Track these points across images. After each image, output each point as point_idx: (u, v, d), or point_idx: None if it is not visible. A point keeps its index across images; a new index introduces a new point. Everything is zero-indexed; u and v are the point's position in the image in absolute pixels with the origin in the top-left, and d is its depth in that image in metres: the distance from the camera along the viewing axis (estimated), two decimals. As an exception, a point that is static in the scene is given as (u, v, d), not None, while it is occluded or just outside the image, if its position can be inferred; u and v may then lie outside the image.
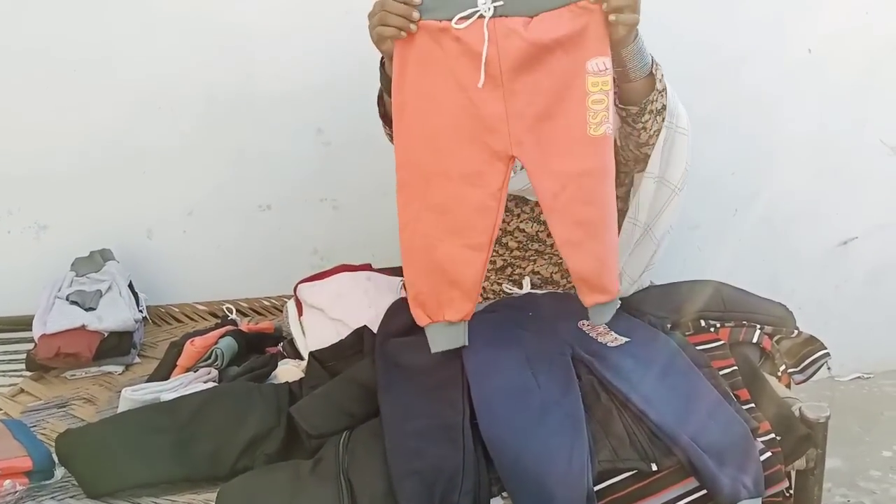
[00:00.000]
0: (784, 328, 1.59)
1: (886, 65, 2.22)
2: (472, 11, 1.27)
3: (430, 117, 1.32)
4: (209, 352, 1.64)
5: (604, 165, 1.29)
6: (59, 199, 2.04)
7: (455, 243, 1.32)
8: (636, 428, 1.30)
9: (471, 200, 1.32)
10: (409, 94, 1.32)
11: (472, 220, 1.32)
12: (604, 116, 1.28)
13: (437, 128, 1.32)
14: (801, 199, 2.31)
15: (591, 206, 1.30)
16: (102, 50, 1.94)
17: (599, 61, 1.28)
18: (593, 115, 1.28)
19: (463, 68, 1.29)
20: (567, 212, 1.30)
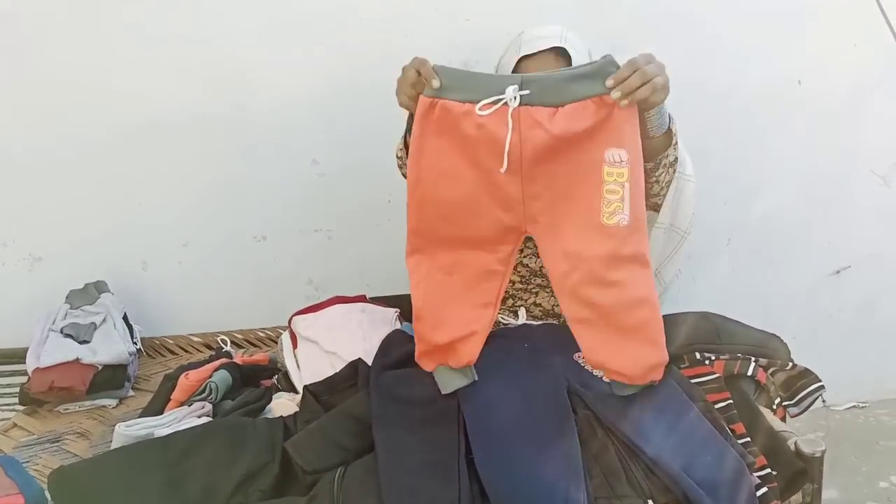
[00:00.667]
0: (779, 360, 1.59)
1: (876, 95, 2.25)
2: (498, 98, 1.27)
3: (445, 192, 1.35)
4: (204, 385, 1.64)
5: (617, 253, 1.30)
6: (54, 231, 2.04)
7: (463, 304, 1.38)
8: (632, 463, 1.30)
9: (479, 264, 1.37)
10: (425, 169, 1.35)
11: (480, 283, 1.38)
12: (618, 207, 1.29)
13: (451, 202, 1.36)
14: (794, 229, 2.32)
15: (602, 290, 1.31)
16: (97, 82, 1.95)
17: (617, 153, 1.29)
18: (607, 204, 1.29)
19: (484, 152, 1.32)
20: (576, 293, 1.34)
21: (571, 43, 1.58)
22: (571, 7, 2.03)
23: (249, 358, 1.85)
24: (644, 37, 2.08)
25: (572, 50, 1.57)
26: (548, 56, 1.58)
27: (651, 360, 1.35)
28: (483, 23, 2.03)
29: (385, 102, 2.02)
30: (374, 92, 2.02)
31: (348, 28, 1.99)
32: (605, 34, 2.07)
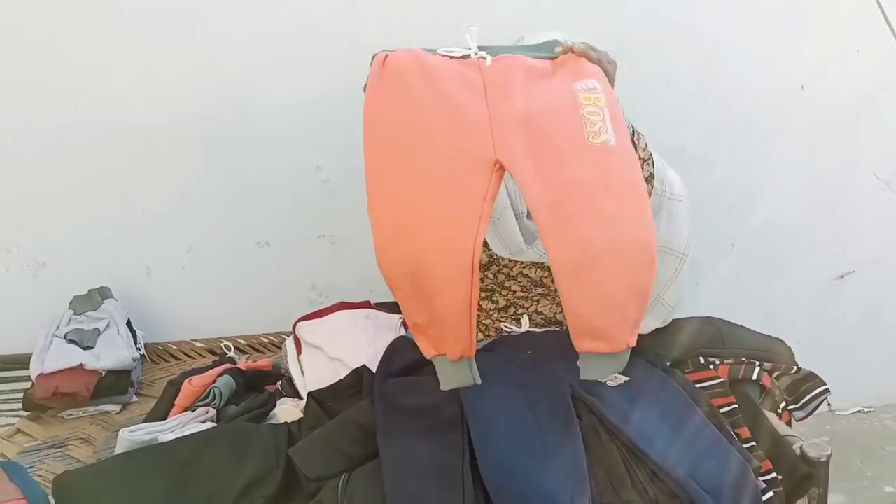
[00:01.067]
0: (783, 364, 1.59)
1: (878, 100, 2.25)
2: (463, 52, 1.28)
3: (403, 132, 1.20)
4: (207, 391, 1.64)
5: (609, 177, 1.15)
6: (58, 237, 2.04)
7: (437, 262, 1.13)
8: (637, 468, 1.29)
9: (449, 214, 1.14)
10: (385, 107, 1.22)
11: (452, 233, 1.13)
12: (601, 127, 1.18)
13: (411, 141, 1.19)
14: (798, 234, 2.32)
15: (596, 225, 1.12)
16: (102, 89, 1.96)
17: (587, 83, 1.25)
18: (590, 125, 1.19)
19: (445, 79, 1.22)
20: (566, 228, 1.12)
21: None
22: (573, 15, 2.04)
23: (253, 364, 1.85)
24: (645, 44, 2.10)
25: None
26: None
27: (635, 317, 1.15)
28: (487, 30, 2.02)
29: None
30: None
31: (351, 35, 2.00)
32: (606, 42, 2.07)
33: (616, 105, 1.24)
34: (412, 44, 1.99)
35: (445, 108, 1.19)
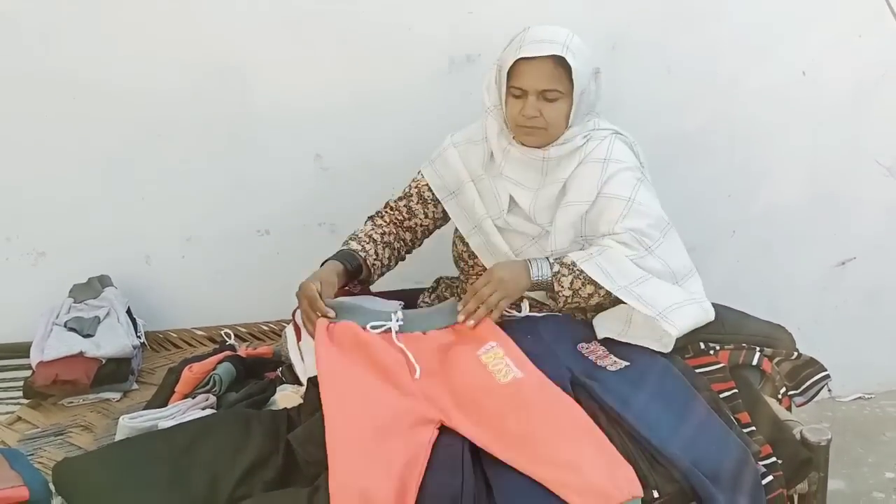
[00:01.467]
0: (784, 350, 1.59)
1: (880, 86, 2.24)
2: (382, 324, 1.50)
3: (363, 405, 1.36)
4: (207, 377, 1.64)
5: (527, 400, 1.35)
6: (58, 226, 2.04)
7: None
8: (637, 453, 1.30)
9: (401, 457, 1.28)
10: (336, 368, 1.40)
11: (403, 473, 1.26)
12: (507, 370, 1.41)
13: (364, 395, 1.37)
14: (799, 220, 2.31)
15: (539, 425, 1.30)
16: (102, 78, 1.95)
17: (485, 346, 1.47)
18: (497, 372, 1.42)
19: (384, 359, 1.43)
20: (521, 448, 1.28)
21: (574, 51, 1.56)
22: (575, 2, 2.03)
23: (253, 351, 1.85)
24: (648, 32, 2.09)
25: (573, 60, 1.55)
26: (545, 63, 1.56)
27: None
28: (485, 15, 2.02)
29: (386, 97, 2.04)
30: (375, 85, 2.04)
31: (349, 21, 1.99)
32: (610, 28, 2.07)
33: (514, 347, 1.47)
34: (411, 31, 2.01)
35: (385, 377, 1.40)
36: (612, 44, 2.07)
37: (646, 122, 2.16)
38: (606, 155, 1.63)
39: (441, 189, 1.75)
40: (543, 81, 1.56)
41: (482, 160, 1.71)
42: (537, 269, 1.55)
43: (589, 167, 1.62)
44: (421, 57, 2.03)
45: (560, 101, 1.58)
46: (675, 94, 2.16)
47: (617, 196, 1.59)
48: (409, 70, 2.03)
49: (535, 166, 1.64)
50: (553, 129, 1.61)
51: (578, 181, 1.62)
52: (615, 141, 1.66)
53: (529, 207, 1.65)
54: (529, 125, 1.59)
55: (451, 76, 2.04)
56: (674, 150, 2.20)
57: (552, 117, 1.58)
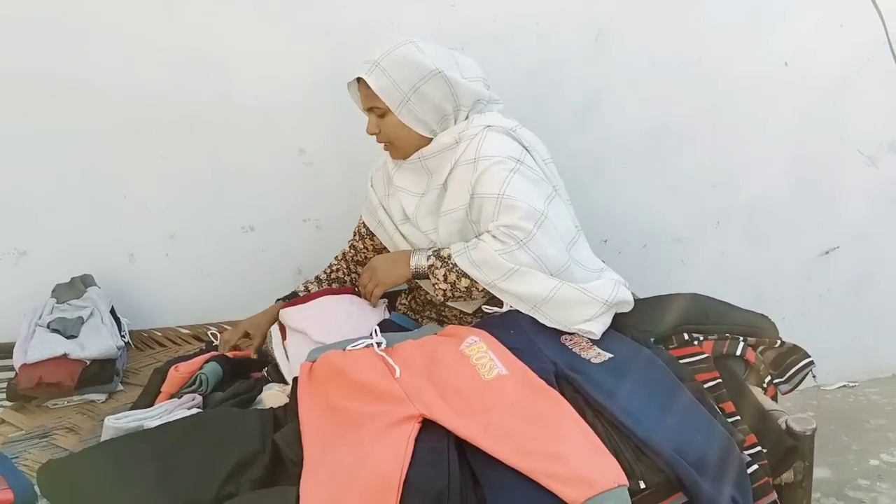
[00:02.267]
0: (767, 339, 1.59)
1: (862, 76, 2.25)
2: (362, 342, 1.53)
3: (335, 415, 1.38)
4: (194, 377, 1.63)
5: (512, 398, 1.35)
6: (39, 225, 2.02)
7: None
8: (622, 445, 1.30)
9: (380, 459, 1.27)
10: (315, 403, 1.41)
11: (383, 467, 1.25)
12: (491, 364, 1.43)
13: (343, 419, 1.36)
14: (782, 211, 2.33)
15: (523, 419, 1.31)
16: (80, 74, 1.93)
17: (468, 340, 1.49)
18: (481, 367, 1.43)
19: (357, 371, 1.44)
20: (503, 439, 1.28)
21: (385, 66, 1.60)
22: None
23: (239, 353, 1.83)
24: (631, 22, 2.09)
25: (376, 79, 1.61)
26: (361, 83, 1.66)
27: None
28: (468, 9, 2.02)
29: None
30: (358, 79, 2.02)
31: (332, 15, 1.98)
32: (594, 17, 2.07)
33: (497, 344, 1.48)
34: (393, 24, 1.99)
35: (363, 391, 1.40)
36: (595, 33, 2.07)
37: (629, 113, 2.17)
38: (476, 154, 1.62)
39: (372, 222, 1.86)
40: (365, 100, 1.68)
41: (383, 180, 1.81)
42: (416, 259, 1.64)
43: (461, 170, 1.64)
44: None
45: (389, 114, 1.65)
46: (659, 84, 2.16)
47: (487, 195, 1.58)
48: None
49: (417, 169, 1.71)
50: (400, 142, 1.68)
51: (453, 187, 1.65)
52: (487, 135, 1.64)
53: (413, 214, 1.71)
54: (379, 142, 1.71)
55: (434, 69, 2.03)
56: (657, 140, 2.21)
57: (390, 131, 1.67)
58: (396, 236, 1.76)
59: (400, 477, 1.21)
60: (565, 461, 1.22)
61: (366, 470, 1.23)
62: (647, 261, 2.28)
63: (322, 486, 1.23)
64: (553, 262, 1.55)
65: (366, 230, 1.89)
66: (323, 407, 1.39)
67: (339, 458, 1.27)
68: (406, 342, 1.54)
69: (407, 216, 1.73)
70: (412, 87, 1.61)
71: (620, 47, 2.10)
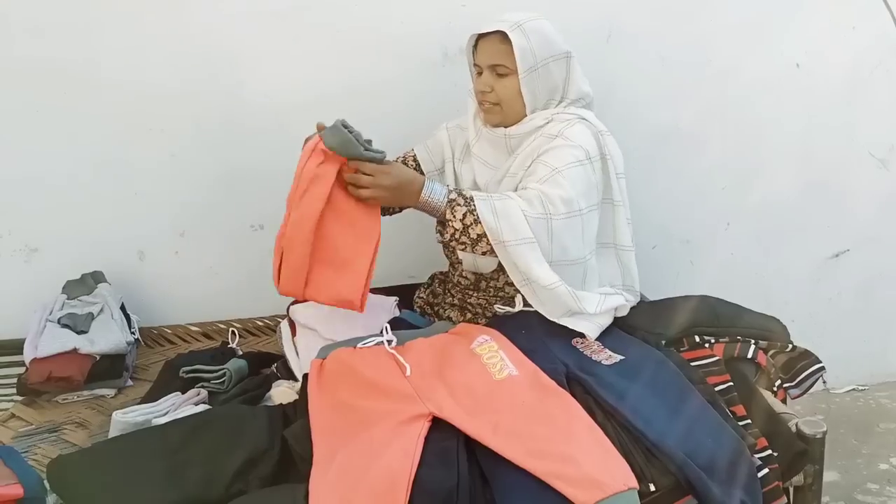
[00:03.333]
0: (778, 343, 1.59)
1: (873, 78, 2.24)
2: (373, 340, 1.54)
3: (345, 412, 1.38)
4: (220, 370, 1.65)
5: (525, 397, 1.36)
6: (50, 222, 2.02)
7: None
8: (633, 447, 1.29)
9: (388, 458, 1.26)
10: (325, 402, 1.41)
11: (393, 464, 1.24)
12: (502, 365, 1.43)
13: (353, 418, 1.37)
14: (792, 213, 2.32)
15: (533, 420, 1.31)
16: (92, 73, 1.93)
17: (479, 339, 1.51)
18: (492, 367, 1.43)
19: (367, 367, 1.45)
20: (513, 440, 1.28)
21: (527, 31, 1.60)
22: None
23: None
24: (641, 22, 2.08)
25: (519, 37, 1.60)
26: (494, 38, 1.63)
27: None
28: (479, 9, 2.01)
29: (380, 90, 2.03)
30: (368, 78, 2.03)
31: (342, 15, 1.98)
32: (606, 18, 2.07)
33: (509, 344, 1.49)
34: (404, 24, 1.99)
35: (373, 389, 1.41)
36: (606, 35, 2.07)
37: (640, 114, 2.16)
38: (557, 132, 1.62)
39: (427, 162, 1.82)
40: (492, 56, 1.64)
41: (465, 144, 1.78)
42: (429, 190, 1.53)
43: (538, 141, 1.64)
44: (414, 50, 2.02)
45: (510, 76, 1.64)
46: (670, 85, 2.16)
47: (545, 163, 1.58)
48: (403, 63, 2.03)
49: (500, 145, 1.70)
50: (507, 106, 1.66)
51: (523, 155, 1.65)
52: (576, 124, 1.64)
53: (484, 185, 1.70)
54: (485, 100, 1.67)
55: (444, 69, 2.04)
56: (667, 142, 2.20)
57: (503, 93, 1.65)
58: None
59: (409, 476, 1.20)
60: (575, 462, 1.21)
61: (375, 468, 1.23)
62: (657, 262, 2.27)
63: (331, 483, 1.23)
64: (561, 254, 1.53)
65: (413, 164, 1.81)
66: (333, 404, 1.39)
67: (348, 455, 1.27)
68: (417, 340, 1.54)
69: (477, 185, 1.71)
70: (543, 59, 1.63)
71: (632, 48, 2.10)
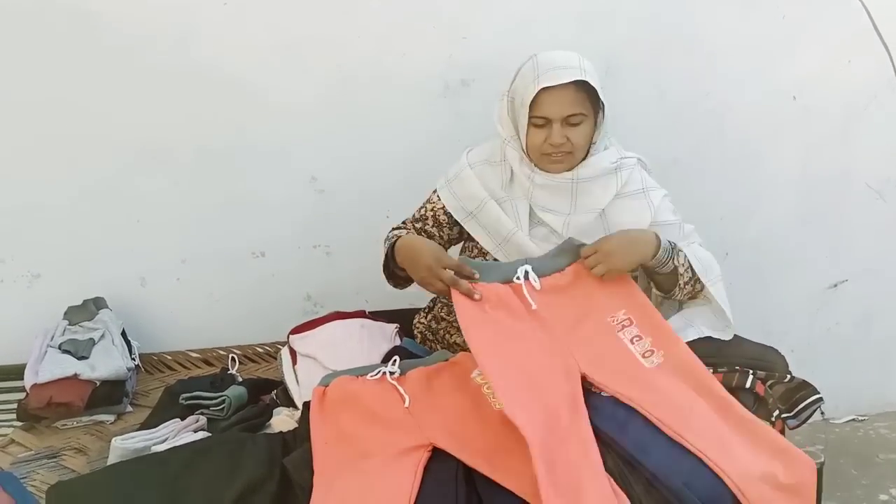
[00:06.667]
0: (777, 373, 1.59)
1: (870, 110, 2.27)
2: (377, 371, 1.54)
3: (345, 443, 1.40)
4: (220, 398, 1.65)
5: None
6: (52, 248, 2.04)
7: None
8: (631, 477, 1.29)
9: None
10: (326, 430, 1.42)
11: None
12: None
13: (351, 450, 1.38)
14: (791, 243, 2.33)
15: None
16: (95, 99, 1.96)
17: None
18: (492, 396, 1.41)
19: (371, 403, 1.46)
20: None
21: (589, 72, 1.59)
22: (568, 26, 2.06)
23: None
24: (640, 55, 2.12)
25: (594, 80, 1.59)
26: (567, 89, 1.58)
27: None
28: (480, 41, 2.05)
29: (381, 120, 2.06)
30: (371, 109, 2.06)
31: (345, 47, 2.01)
32: (603, 53, 2.09)
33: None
34: (405, 56, 2.03)
35: (374, 419, 1.42)
36: (605, 68, 2.10)
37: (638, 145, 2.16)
38: (642, 185, 1.69)
39: (458, 210, 1.73)
40: (567, 107, 1.59)
41: (501, 181, 1.71)
42: (661, 241, 1.60)
43: (631, 200, 1.68)
44: (416, 81, 2.05)
45: (584, 123, 1.62)
46: (668, 117, 2.18)
47: (667, 222, 1.69)
48: (404, 94, 2.05)
49: (565, 190, 1.66)
50: (579, 153, 1.65)
51: (627, 215, 1.67)
52: (641, 169, 1.73)
53: (561, 228, 1.67)
54: (557, 152, 1.62)
55: (446, 99, 2.06)
56: (666, 172, 2.20)
57: (578, 141, 1.62)
58: (518, 234, 1.67)
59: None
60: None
61: (374, 498, 1.23)
62: (656, 291, 2.28)
63: None
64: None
65: (445, 218, 1.75)
66: (334, 433, 1.40)
67: (348, 485, 1.28)
68: (417, 370, 1.55)
69: (545, 224, 1.68)
70: (602, 96, 1.63)
71: (629, 81, 2.13)
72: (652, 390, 1.40)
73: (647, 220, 1.66)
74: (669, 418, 1.35)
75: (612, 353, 1.48)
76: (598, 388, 1.44)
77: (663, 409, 1.37)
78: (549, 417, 1.33)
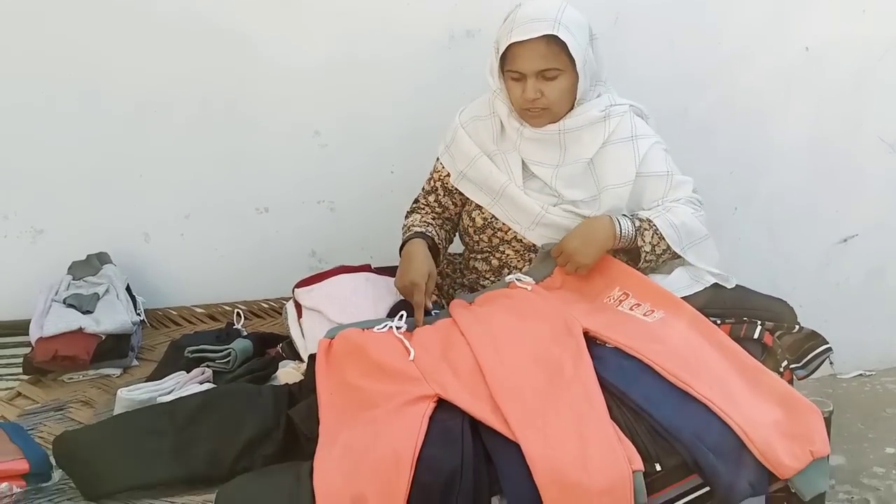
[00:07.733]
0: (785, 324, 1.58)
1: (884, 62, 2.22)
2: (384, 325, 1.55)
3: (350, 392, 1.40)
4: (226, 350, 1.65)
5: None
6: (56, 204, 2.03)
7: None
8: (637, 427, 1.29)
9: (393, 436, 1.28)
10: (331, 382, 1.42)
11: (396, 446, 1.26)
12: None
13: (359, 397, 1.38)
14: (800, 198, 2.30)
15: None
16: (97, 54, 1.93)
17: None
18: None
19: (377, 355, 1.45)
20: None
21: (567, 24, 1.54)
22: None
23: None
24: (650, 6, 2.07)
25: (567, 34, 1.53)
26: (538, 43, 1.54)
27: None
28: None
29: (385, 73, 2.03)
30: (374, 62, 2.02)
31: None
32: (611, 2, 2.05)
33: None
34: (410, 6, 1.98)
35: (379, 370, 1.42)
36: (614, 16, 2.05)
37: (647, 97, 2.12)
38: (632, 132, 1.64)
39: (454, 173, 1.73)
40: (539, 62, 1.55)
41: (492, 135, 1.69)
42: (621, 226, 1.59)
43: (618, 147, 1.64)
44: (420, 32, 2.01)
45: (560, 77, 1.57)
46: (678, 68, 2.14)
47: (655, 173, 1.65)
48: (408, 45, 2.02)
49: (553, 142, 1.64)
50: (557, 107, 1.60)
51: (612, 164, 1.63)
52: (634, 118, 1.67)
53: (551, 181, 1.65)
54: (532, 107, 1.59)
55: (450, 51, 2.03)
56: (675, 126, 2.17)
57: (554, 96, 1.58)
58: (510, 187, 1.65)
59: (413, 455, 1.21)
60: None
61: (380, 447, 1.23)
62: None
63: (336, 462, 1.24)
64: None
65: (446, 173, 1.75)
66: (340, 384, 1.40)
67: (353, 434, 1.28)
68: (424, 327, 1.55)
69: (537, 177, 1.66)
70: (586, 49, 1.58)
71: (639, 31, 2.08)
72: (656, 340, 1.41)
73: (630, 170, 1.63)
74: (676, 368, 1.34)
75: (614, 316, 1.51)
76: (601, 341, 1.44)
77: (668, 358, 1.37)
78: (551, 369, 1.35)
